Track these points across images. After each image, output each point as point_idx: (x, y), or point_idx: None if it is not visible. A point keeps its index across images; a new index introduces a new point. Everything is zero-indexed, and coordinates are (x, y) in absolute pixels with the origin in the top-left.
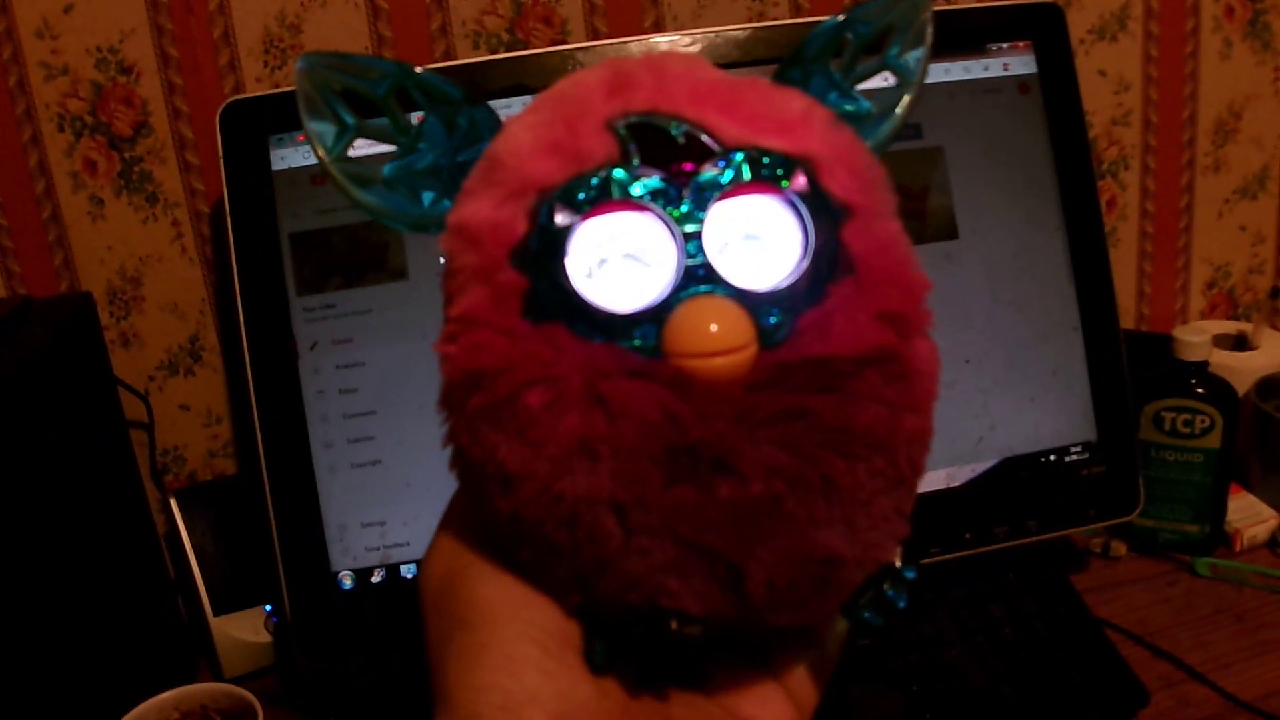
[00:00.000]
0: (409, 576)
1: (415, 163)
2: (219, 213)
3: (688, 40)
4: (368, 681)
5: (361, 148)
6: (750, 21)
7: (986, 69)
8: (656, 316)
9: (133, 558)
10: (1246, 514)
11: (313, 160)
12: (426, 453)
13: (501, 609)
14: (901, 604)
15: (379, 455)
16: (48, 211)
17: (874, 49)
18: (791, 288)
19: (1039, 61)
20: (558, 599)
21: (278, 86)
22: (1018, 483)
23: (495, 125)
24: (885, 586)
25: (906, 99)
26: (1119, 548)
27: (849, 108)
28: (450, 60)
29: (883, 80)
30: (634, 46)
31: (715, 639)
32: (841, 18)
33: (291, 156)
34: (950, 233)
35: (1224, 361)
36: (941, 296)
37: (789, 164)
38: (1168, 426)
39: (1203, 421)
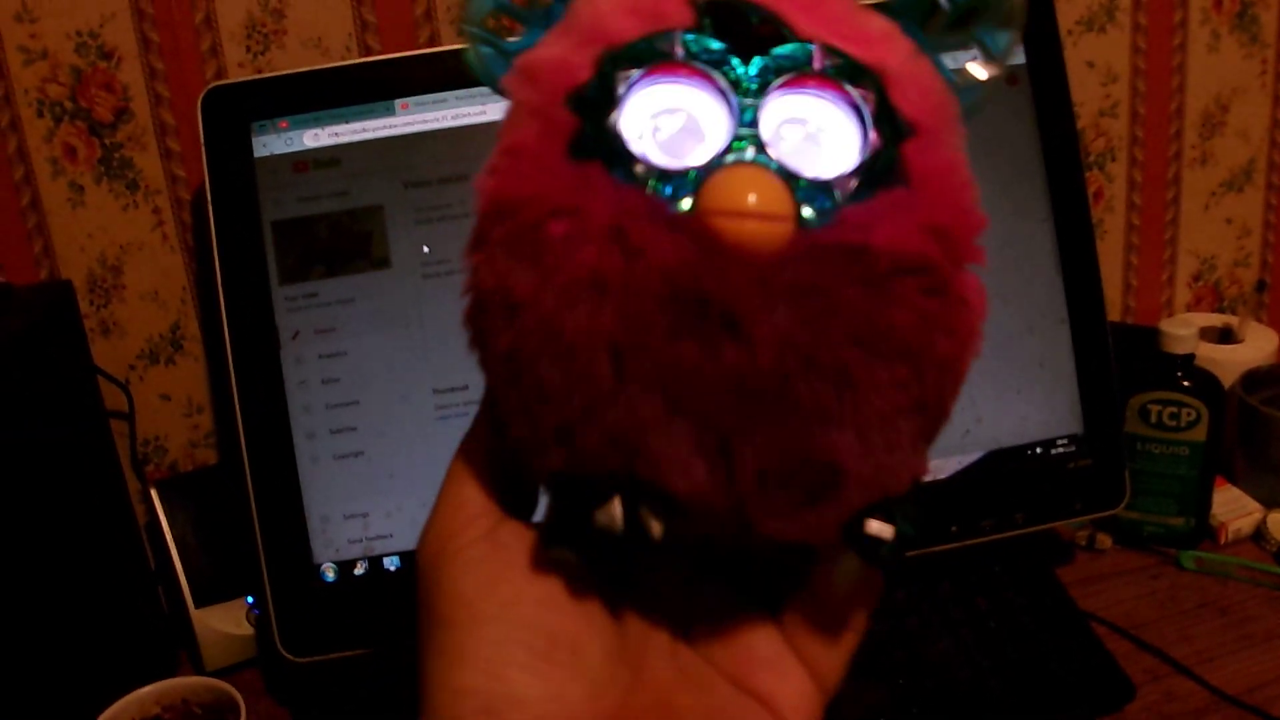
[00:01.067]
0: (392, 569)
1: (536, 39)
2: (200, 200)
3: None
4: (351, 674)
5: None
6: None
7: (975, 59)
8: (699, 178)
9: (113, 549)
10: (1231, 507)
11: (295, 147)
12: (409, 444)
13: (486, 607)
14: (910, 540)
15: (361, 446)
16: (27, 198)
17: (964, 22)
18: (841, 180)
19: (1027, 52)
20: (539, 459)
21: (260, 72)
22: (1004, 475)
23: None
24: (895, 516)
25: (990, 74)
26: (1104, 541)
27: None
28: (435, 46)
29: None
30: None
31: (691, 545)
32: None
33: (274, 143)
34: None
35: (1210, 354)
36: None
37: (859, 68)
38: (1154, 419)
39: (1188, 414)
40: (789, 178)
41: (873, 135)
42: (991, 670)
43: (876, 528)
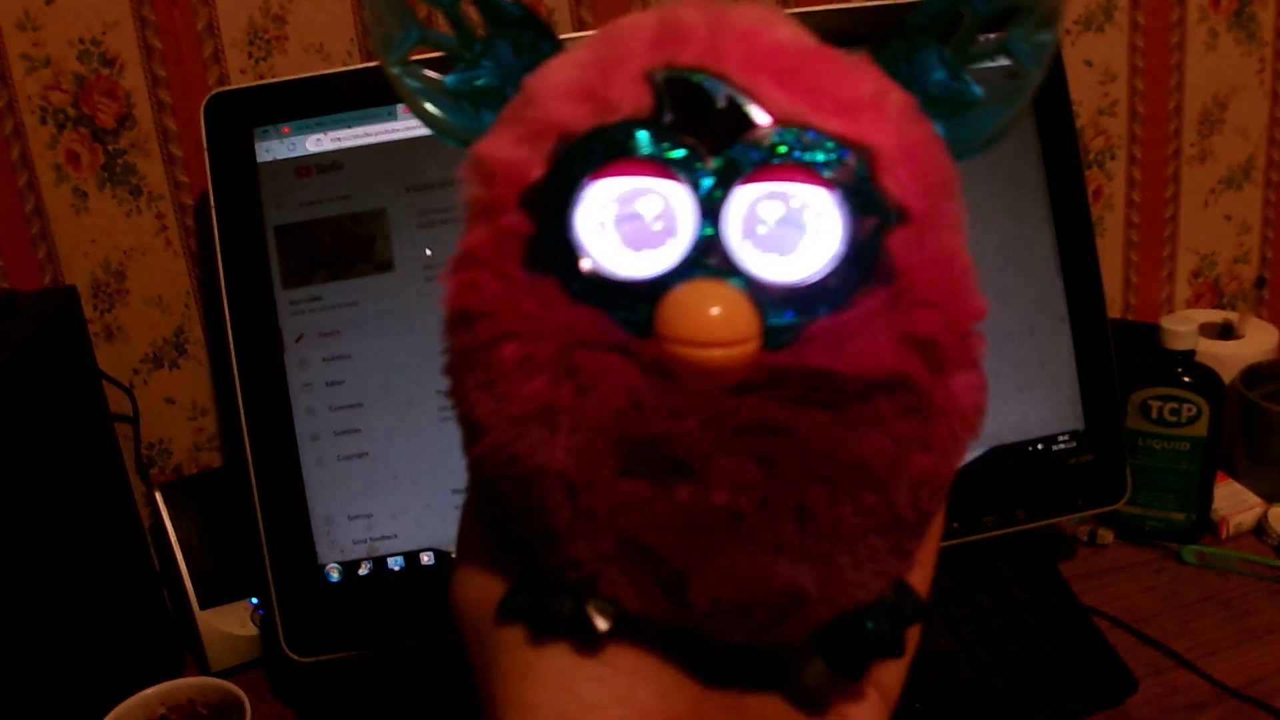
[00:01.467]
0: (396, 569)
1: (478, 78)
2: (203, 205)
3: None
4: (355, 674)
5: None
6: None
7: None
8: (655, 292)
9: (118, 551)
10: (1233, 502)
11: (298, 152)
12: (413, 445)
13: (484, 623)
14: (881, 642)
15: (365, 448)
16: (31, 205)
17: (993, 28)
18: (813, 287)
19: None
20: (511, 561)
21: (262, 78)
22: (1006, 472)
23: (543, 54)
24: (867, 622)
25: (1025, 91)
26: (1106, 536)
27: (959, 93)
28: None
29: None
30: None
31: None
32: None
33: (276, 148)
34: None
35: (1210, 350)
36: None
37: (839, 150)
38: (1154, 415)
39: (1189, 410)
40: (754, 288)
41: (854, 226)
42: (994, 665)
43: (838, 652)
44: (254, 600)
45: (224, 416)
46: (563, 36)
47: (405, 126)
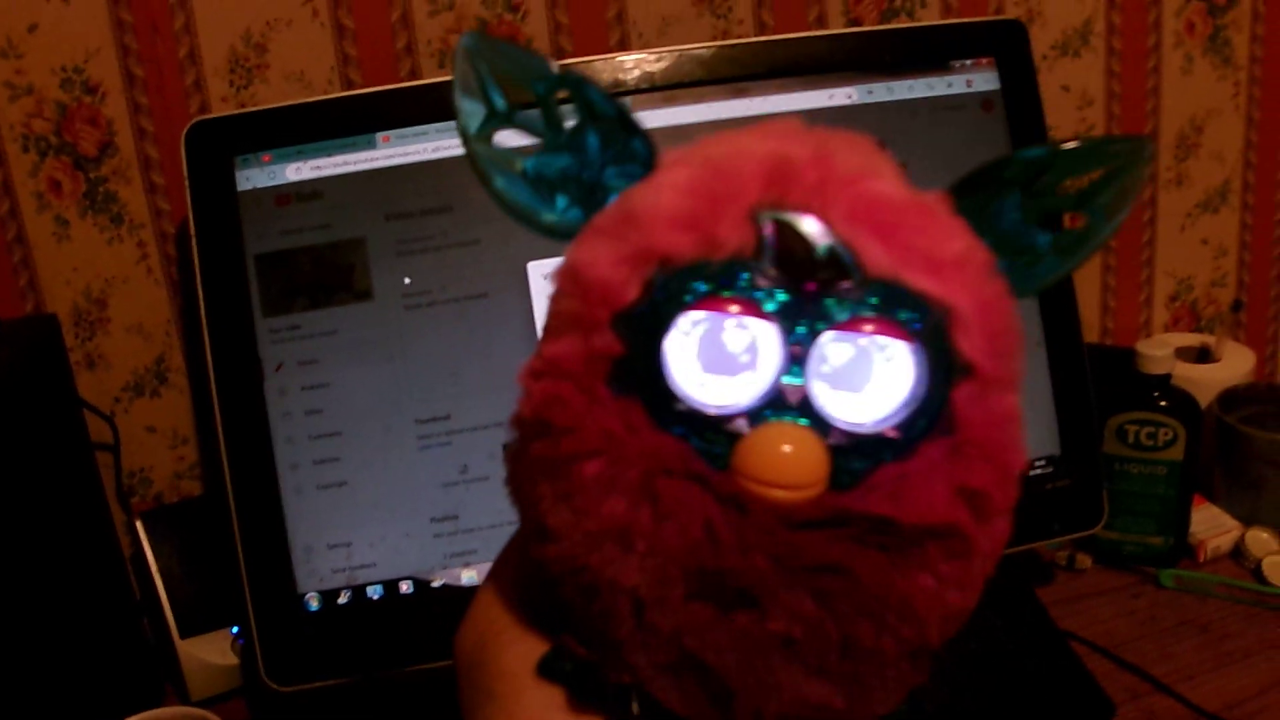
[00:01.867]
0: (375, 598)
1: (558, 164)
2: (184, 234)
3: (655, 59)
4: (335, 703)
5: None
6: (715, 40)
7: (950, 86)
8: (736, 428)
9: (98, 580)
10: (1210, 525)
11: (278, 180)
12: (392, 474)
13: (527, 678)
14: None
15: (345, 476)
16: (12, 232)
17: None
18: (882, 435)
19: (1002, 78)
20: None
21: (243, 106)
22: None
23: (650, 159)
24: None
25: (1090, 247)
26: (1084, 560)
27: (1027, 240)
28: (415, 80)
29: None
30: (599, 65)
31: None
32: (1049, 151)
33: (257, 177)
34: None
35: (1187, 374)
36: None
37: (924, 309)
38: (1131, 439)
39: (1166, 434)
40: (827, 430)
41: (924, 381)
42: (971, 690)
43: None
44: (234, 630)
45: (205, 445)
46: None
47: (385, 155)
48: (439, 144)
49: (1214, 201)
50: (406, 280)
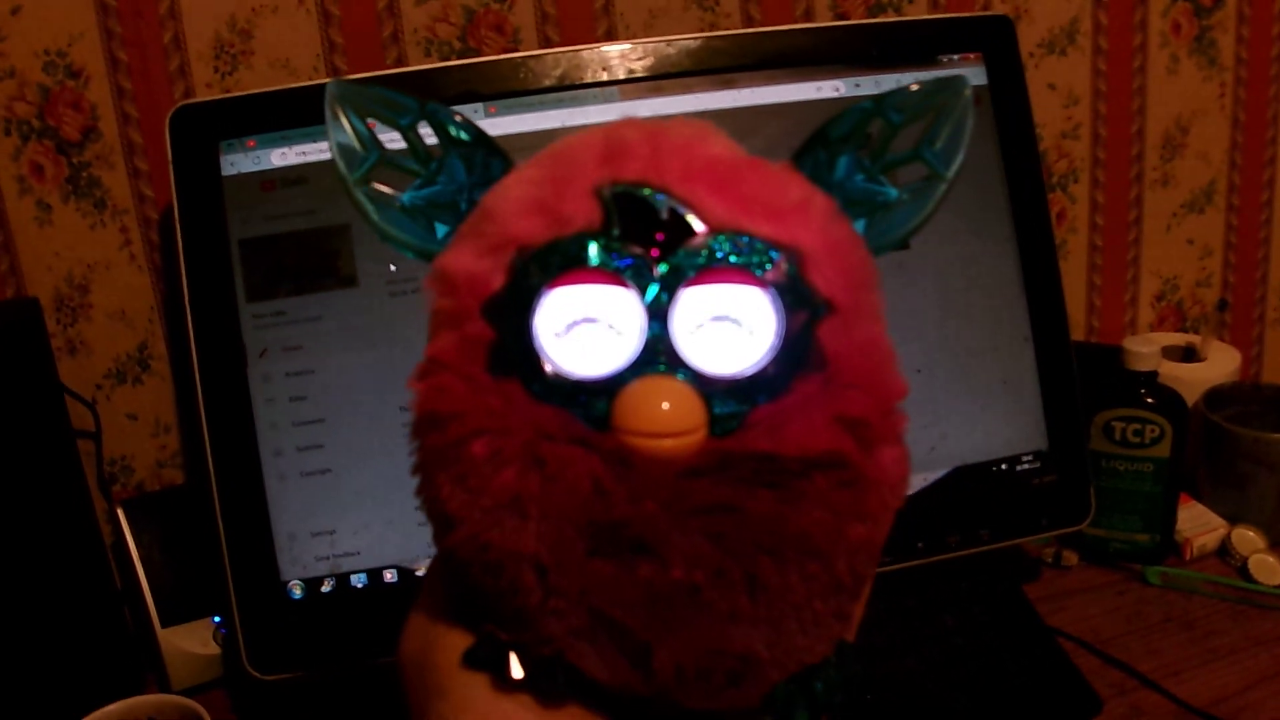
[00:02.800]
0: (359, 586)
1: (433, 195)
2: (168, 219)
3: (641, 50)
4: (318, 692)
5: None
6: (702, 31)
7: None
8: (610, 389)
9: (79, 569)
10: (1196, 523)
11: (263, 166)
12: (376, 461)
13: (468, 671)
14: (830, 700)
15: (328, 464)
16: None
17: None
18: (754, 378)
19: (989, 74)
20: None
21: (228, 91)
22: (969, 492)
23: (505, 171)
24: (815, 683)
25: (939, 192)
26: (1070, 557)
27: (875, 195)
28: (402, 67)
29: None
30: (586, 55)
31: (629, 707)
32: (872, 103)
33: (241, 162)
34: (901, 243)
35: (1173, 373)
36: (892, 306)
37: (771, 251)
38: (1118, 436)
39: (1152, 431)
40: (700, 381)
41: (784, 321)
42: (958, 686)
43: (792, 711)
44: (216, 619)
45: (187, 433)
46: (523, 54)
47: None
48: (424, 131)
49: (1200, 202)
50: (392, 267)
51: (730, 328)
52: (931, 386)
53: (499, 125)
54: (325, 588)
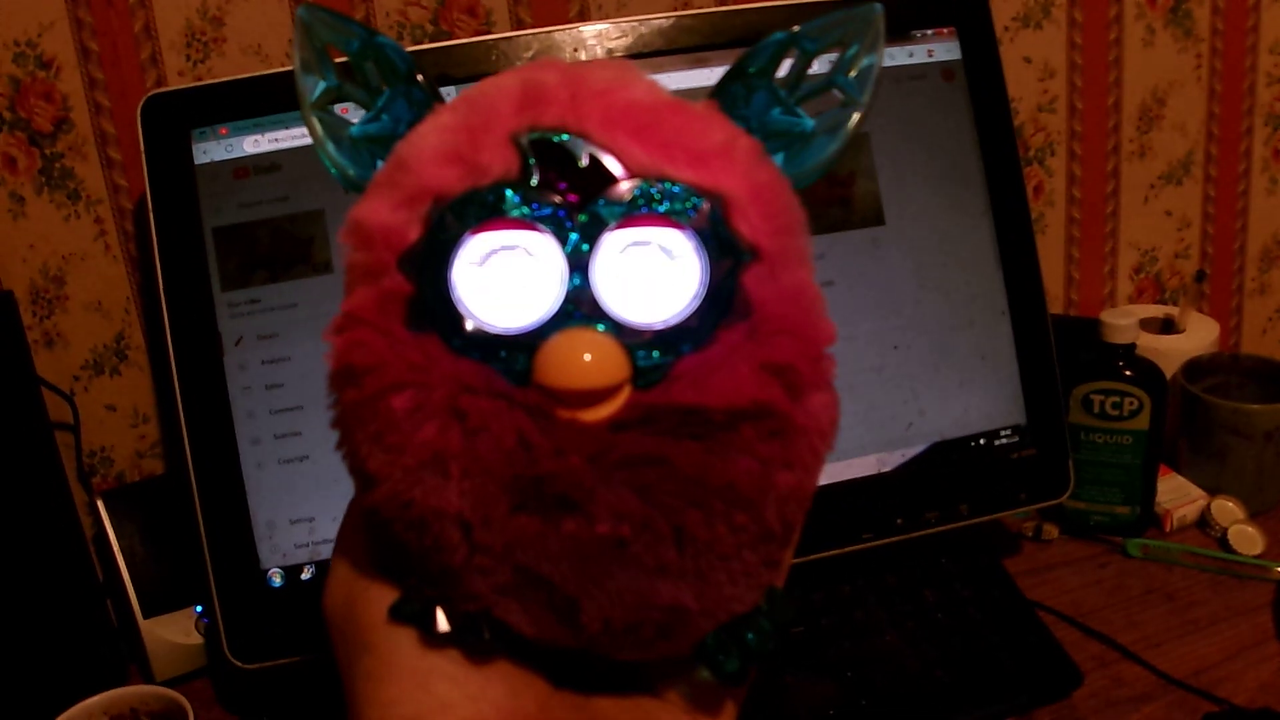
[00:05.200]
0: None
1: (377, 130)
2: (142, 209)
3: (615, 30)
4: (300, 680)
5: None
6: (674, 10)
7: (911, 55)
8: (531, 342)
9: (60, 561)
10: (1176, 495)
11: (235, 154)
12: None
13: (394, 626)
14: (763, 649)
15: (306, 451)
16: None
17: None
18: (677, 327)
19: (963, 48)
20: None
21: (200, 80)
22: (948, 467)
23: (426, 111)
24: (746, 633)
25: (853, 119)
26: (1051, 530)
27: (792, 126)
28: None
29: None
30: (559, 36)
31: (559, 660)
32: (786, 34)
33: (214, 150)
34: (877, 219)
35: (1151, 345)
36: (869, 282)
37: (693, 198)
38: (1096, 409)
39: (1131, 404)
40: (623, 332)
41: (711, 267)
42: (940, 661)
43: (723, 660)
44: (198, 609)
45: (166, 422)
46: (495, 37)
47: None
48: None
49: (1177, 173)
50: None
51: (652, 276)
52: (909, 362)
53: None
54: (305, 575)
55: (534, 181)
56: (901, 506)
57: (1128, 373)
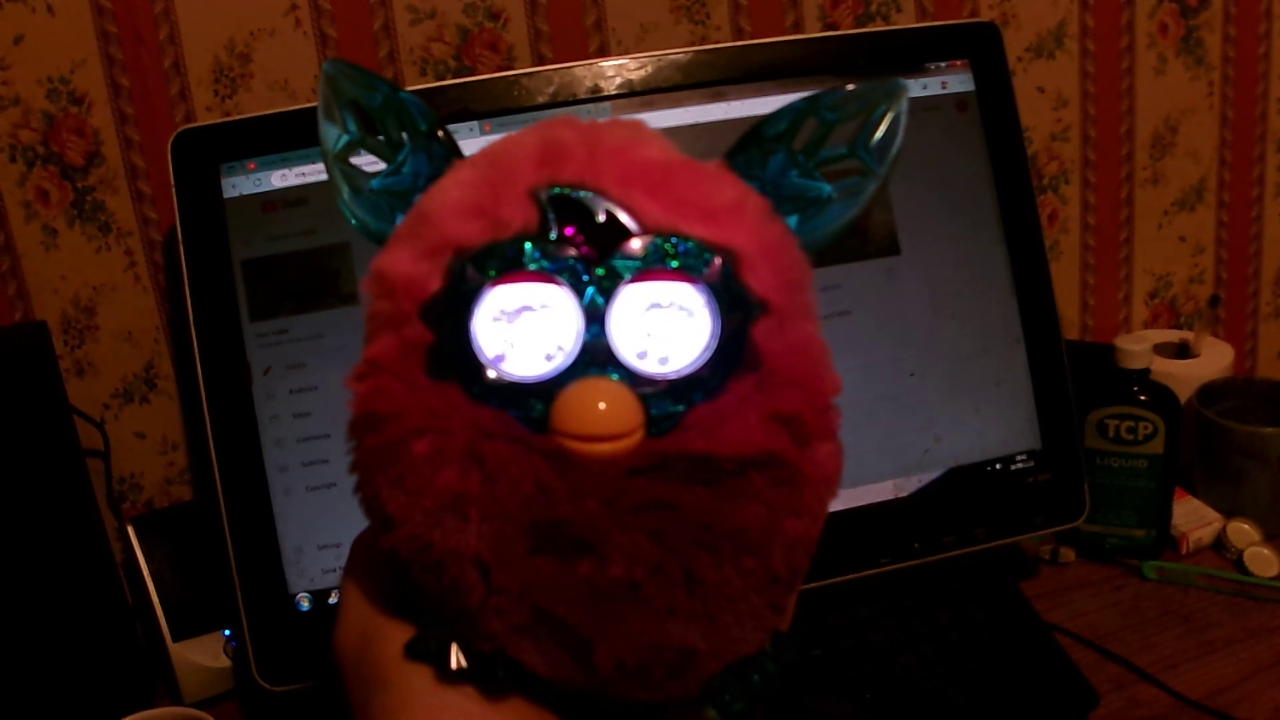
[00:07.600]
0: None
1: (396, 184)
2: (171, 241)
3: (634, 64)
4: (327, 703)
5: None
6: (692, 45)
7: (925, 88)
8: (548, 391)
9: (90, 586)
10: (1191, 518)
11: (264, 187)
12: None
13: (410, 663)
14: (767, 690)
15: (333, 478)
16: (0, 242)
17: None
18: (689, 378)
19: (976, 80)
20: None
21: (228, 115)
22: (964, 492)
23: (445, 166)
24: (752, 674)
25: (869, 189)
26: (1067, 554)
27: (809, 190)
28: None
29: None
30: (579, 71)
31: (571, 699)
32: (805, 102)
33: (243, 184)
34: (892, 248)
35: (1166, 369)
36: (885, 311)
37: (706, 253)
38: (1111, 434)
39: (1146, 428)
40: (637, 382)
41: (719, 321)
42: (957, 683)
43: (729, 700)
44: (227, 632)
45: (194, 450)
46: (518, 73)
47: (368, 161)
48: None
49: (1190, 200)
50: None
51: (666, 329)
52: (925, 389)
53: None
54: (333, 599)
55: (552, 235)
56: (918, 531)
57: (1142, 397)
